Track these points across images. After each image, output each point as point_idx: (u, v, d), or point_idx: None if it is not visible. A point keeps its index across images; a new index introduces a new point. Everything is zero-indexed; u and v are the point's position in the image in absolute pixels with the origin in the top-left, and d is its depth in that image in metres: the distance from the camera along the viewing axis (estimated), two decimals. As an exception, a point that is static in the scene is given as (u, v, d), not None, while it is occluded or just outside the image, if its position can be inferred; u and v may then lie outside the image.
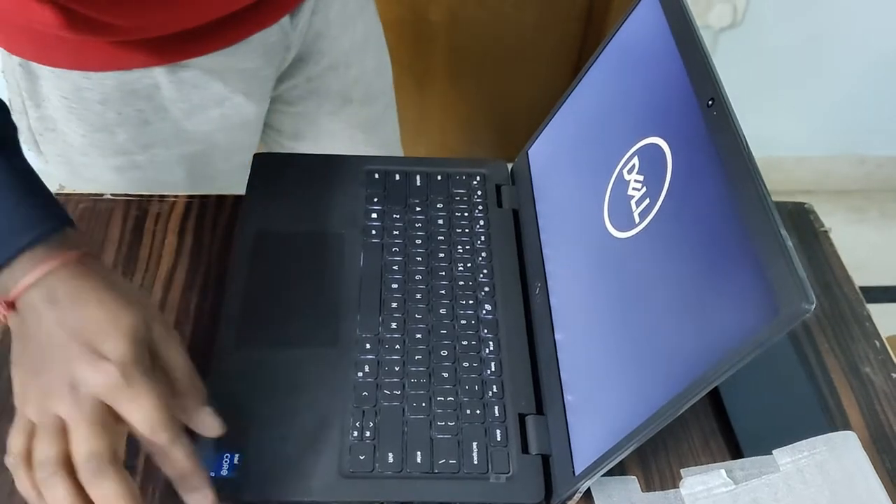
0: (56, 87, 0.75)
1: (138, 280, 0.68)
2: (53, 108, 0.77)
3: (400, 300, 0.65)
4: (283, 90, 0.91)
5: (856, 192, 2.01)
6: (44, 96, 0.76)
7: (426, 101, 1.79)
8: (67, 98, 0.75)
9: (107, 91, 0.75)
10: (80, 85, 0.74)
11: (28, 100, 0.77)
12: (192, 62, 0.76)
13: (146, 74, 0.75)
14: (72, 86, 0.74)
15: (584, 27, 1.68)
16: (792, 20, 1.65)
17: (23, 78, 0.75)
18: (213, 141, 0.82)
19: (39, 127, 0.79)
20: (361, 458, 0.56)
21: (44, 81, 0.75)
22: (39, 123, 0.79)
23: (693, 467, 0.58)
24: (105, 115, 0.76)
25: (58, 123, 0.78)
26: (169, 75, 0.75)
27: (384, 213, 0.71)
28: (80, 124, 0.77)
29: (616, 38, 0.64)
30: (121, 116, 0.77)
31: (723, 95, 0.50)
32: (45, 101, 0.77)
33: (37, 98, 0.77)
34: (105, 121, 0.77)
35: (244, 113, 0.83)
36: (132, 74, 0.74)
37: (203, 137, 0.82)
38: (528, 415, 0.59)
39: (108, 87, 0.74)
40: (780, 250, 0.42)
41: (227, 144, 0.84)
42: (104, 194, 0.74)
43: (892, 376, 0.66)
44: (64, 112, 0.76)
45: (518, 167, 0.76)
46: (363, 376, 0.60)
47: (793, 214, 0.78)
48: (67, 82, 0.74)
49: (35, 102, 0.77)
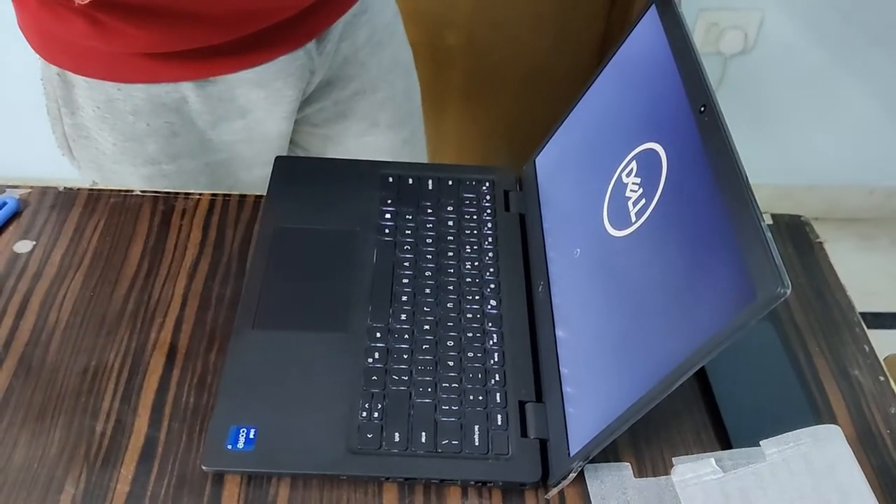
0: (90, 96, 0.79)
1: (164, 270, 0.72)
2: (87, 116, 0.81)
3: (410, 294, 0.69)
4: (311, 112, 0.94)
5: (866, 221, 2.04)
6: (78, 105, 0.80)
7: (443, 123, 1.84)
8: (100, 108, 0.79)
9: (137, 103, 0.79)
10: (112, 96, 0.78)
11: (63, 107, 0.81)
12: (218, 78, 0.80)
13: (175, 89, 0.79)
14: (104, 96, 0.78)
15: (599, 51, 1.72)
16: (803, 48, 1.68)
17: (59, 86, 0.80)
18: (236, 151, 0.86)
19: (73, 133, 0.83)
20: (369, 437, 0.59)
21: (78, 91, 0.79)
22: (73, 130, 0.83)
23: (684, 456, 0.61)
24: (136, 125, 0.80)
25: (91, 131, 0.82)
26: (196, 90, 0.79)
27: (397, 213, 0.75)
28: (112, 133, 0.81)
29: (620, 50, 0.68)
30: (150, 128, 0.81)
31: (714, 102, 0.54)
32: (80, 110, 0.81)
33: (72, 106, 0.81)
34: (136, 131, 0.81)
35: (266, 128, 0.86)
36: (161, 88, 0.78)
37: (226, 147, 0.85)
38: (528, 402, 0.63)
39: (138, 98, 0.78)
40: (759, 239, 0.46)
41: (249, 156, 0.87)
42: (133, 190, 0.78)
43: (879, 379, 0.69)
44: (97, 121, 0.80)
45: (526, 174, 0.79)
46: (373, 362, 0.64)
47: (790, 226, 0.82)
48: (100, 92, 0.78)
49: (70, 110, 0.81)
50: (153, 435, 0.60)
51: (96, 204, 0.77)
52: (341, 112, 0.95)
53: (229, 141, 0.85)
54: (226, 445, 0.58)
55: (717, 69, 1.69)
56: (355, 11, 0.87)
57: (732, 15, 1.62)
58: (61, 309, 0.68)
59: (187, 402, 0.63)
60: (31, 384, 0.63)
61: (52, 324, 0.67)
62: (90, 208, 0.77)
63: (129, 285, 0.70)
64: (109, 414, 0.62)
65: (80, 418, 0.61)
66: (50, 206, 0.77)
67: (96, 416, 0.61)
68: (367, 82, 0.93)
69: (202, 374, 0.64)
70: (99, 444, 0.60)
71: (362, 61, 0.91)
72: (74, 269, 0.71)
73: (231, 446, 0.58)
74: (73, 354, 0.65)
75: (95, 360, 0.65)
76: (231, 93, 0.81)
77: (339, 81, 0.92)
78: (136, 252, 0.73)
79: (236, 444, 0.58)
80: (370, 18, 0.90)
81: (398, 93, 0.98)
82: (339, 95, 0.93)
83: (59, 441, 0.60)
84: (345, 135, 0.97)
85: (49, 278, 0.71)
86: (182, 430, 0.61)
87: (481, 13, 1.64)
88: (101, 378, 0.64)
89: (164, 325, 0.68)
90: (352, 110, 0.95)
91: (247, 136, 0.85)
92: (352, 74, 0.92)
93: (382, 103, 0.96)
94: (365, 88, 0.93)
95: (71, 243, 0.74)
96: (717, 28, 1.63)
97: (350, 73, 0.91)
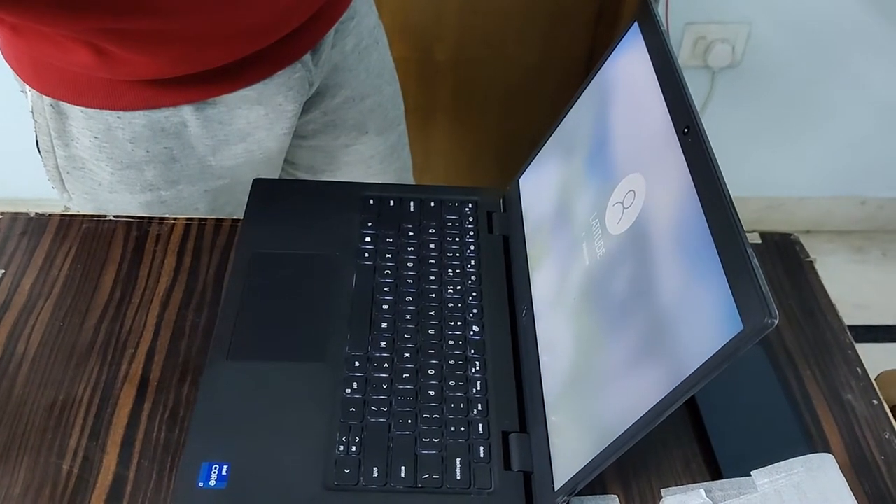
0: (87, 126, 0.77)
1: (137, 298, 0.70)
2: (83, 147, 0.79)
3: (390, 320, 0.67)
4: (299, 124, 0.93)
5: (857, 233, 2.03)
6: (73, 136, 0.78)
7: (431, 138, 1.83)
8: (98, 137, 0.77)
9: (136, 129, 0.77)
10: (111, 124, 0.77)
11: (57, 139, 0.79)
12: (218, 99, 0.78)
13: (175, 113, 0.77)
14: (103, 125, 0.77)
15: (585, 67, 1.71)
16: (791, 61, 1.67)
17: (53, 118, 0.78)
18: (236, 176, 0.84)
19: (67, 165, 0.81)
20: (346, 472, 0.57)
21: (73, 122, 0.77)
22: (67, 162, 0.81)
23: (673, 487, 0.59)
24: (134, 152, 0.79)
25: (87, 162, 0.80)
26: (196, 112, 0.78)
27: (377, 236, 0.73)
28: (110, 162, 0.79)
29: (602, 69, 0.67)
30: (149, 154, 0.79)
31: (698, 124, 0.53)
32: (75, 141, 0.79)
33: (66, 137, 0.79)
34: (134, 158, 0.79)
35: (267, 148, 0.85)
36: (161, 113, 0.77)
37: (227, 172, 0.84)
38: (512, 433, 0.61)
39: (138, 125, 0.77)
40: (745, 267, 0.44)
41: (250, 178, 0.85)
42: (107, 216, 0.76)
43: (873, 403, 0.67)
44: (94, 151, 0.78)
45: (509, 195, 0.78)
46: (351, 392, 0.62)
47: (779, 245, 0.80)
48: (98, 122, 0.76)
49: (64, 142, 0.79)
50: (122, 473, 0.58)
51: (68, 230, 0.75)
52: (330, 122, 0.94)
53: (230, 166, 0.83)
54: (197, 483, 0.56)
55: (705, 84, 1.68)
56: (343, 18, 0.86)
57: (719, 28, 1.61)
58: (29, 340, 0.66)
59: (158, 437, 0.60)
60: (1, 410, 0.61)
61: (19, 356, 0.65)
62: (62, 234, 0.75)
63: (100, 315, 0.68)
64: (77, 451, 0.59)
65: (46, 456, 0.59)
66: (20, 233, 0.75)
67: (63, 454, 0.59)
68: (356, 89, 0.92)
69: (174, 407, 0.62)
70: (65, 483, 0.58)
71: (350, 67, 0.91)
72: (44, 299, 0.69)
73: (203, 484, 0.56)
74: (40, 388, 0.63)
75: (63, 394, 0.63)
76: (230, 114, 0.80)
77: (328, 90, 0.91)
78: (108, 280, 0.71)
79: (208, 481, 0.56)
80: (357, 24, 0.89)
81: (386, 98, 0.97)
82: (328, 105, 0.92)
83: (23, 480, 0.58)
84: (333, 144, 0.96)
85: (18, 308, 0.69)
86: (152, 468, 0.59)
87: (469, 29, 1.63)
88: (69, 413, 0.62)
89: (136, 357, 0.65)
90: (341, 119, 0.94)
91: (247, 158, 0.84)
92: (341, 82, 0.91)
93: (372, 110, 0.95)
94: (354, 96, 0.93)
95: (41, 271, 0.71)
96: (705, 41, 1.62)
97: (339, 80, 0.91)
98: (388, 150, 1.01)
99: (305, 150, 0.97)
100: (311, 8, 0.78)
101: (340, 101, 0.92)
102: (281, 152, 0.88)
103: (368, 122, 0.96)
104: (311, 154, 0.97)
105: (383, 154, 1.00)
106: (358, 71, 0.92)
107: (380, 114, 0.97)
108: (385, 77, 0.97)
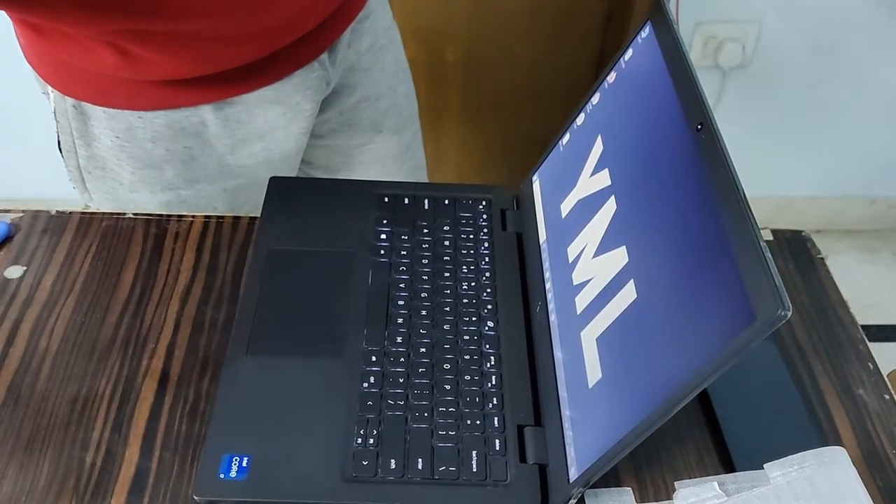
0: (108, 126, 0.78)
1: (157, 294, 0.71)
2: (104, 147, 0.80)
3: (406, 316, 0.68)
4: (316, 124, 0.93)
5: (868, 233, 2.03)
6: (95, 136, 0.80)
7: (441, 139, 1.83)
8: (119, 137, 0.79)
9: (157, 129, 0.78)
10: (133, 124, 0.78)
11: (79, 139, 0.81)
12: (237, 99, 0.79)
13: (194, 112, 0.78)
14: (124, 125, 0.78)
15: (596, 67, 1.72)
16: (802, 60, 1.67)
17: (75, 119, 0.79)
18: (254, 175, 0.85)
19: (89, 165, 0.83)
20: (364, 464, 0.58)
21: (96, 122, 0.78)
22: (89, 162, 0.82)
23: (686, 480, 0.60)
24: (154, 152, 0.80)
25: (108, 162, 0.81)
26: (215, 112, 0.79)
27: (393, 234, 0.74)
28: (131, 162, 0.80)
29: (615, 67, 0.67)
30: (169, 153, 0.80)
31: (711, 120, 0.53)
32: (96, 141, 0.80)
33: (87, 138, 0.80)
34: (154, 158, 0.80)
35: (285, 147, 0.86)
36: (181, 112, 0.78)
37: (245, 172, 0.85)
38: (527, 426, 0.62)
39: (159, 125, 0.78)
40: (758, 260, 0.45)
41: (267, 178, 0.87)
42: (126, 213, 0.78)
43: (884, 398, 0.68)
44: (115, 151, 0.80)
45: (523, 192, 0.79)
46: (368, 387, 0.63)
47: (791, 242, 0.80)
48: (120, 122, 0.78)
49: (86, 142, 0.81)
50: (144, 465, 0.59)
51: (88, 227, 0.76)
52: (346, 121, 0.95)
53: (248, 165, 0.84)
54: (218, 474, 0.57)
55: (716, 84, 1.69)
56: (359, 17, 0.87)
57: (730, 27, 1.61)
58: (52, 336, 0.67)
59: (179, 430, 0.61)
60: (20, 414, 0.62)
61: (42, 351, 0.66)
62: (82, 232, 0.76)
63: (121, 311, 0.69)
64: (100, 444, 0.60)
65: (70, 449, 0.60)
66: (41, 231, 0.76)
67: (86, 447, 0.60)
68: (372, 89, 0.93)
69: (194, 401, 0.63)
70: (89, 475, 0.59)
71: (366, 67, 0.91)
72: (66, 295, 0.71)
73: (224, 475, 0.57)
74: (63, 383, 0.64)
75: (86, 389, 0.64)
76: (249, 113, 0.81)
77: (344, 90, 0.91)
78: (128, 276, 0.72)
79: (229, 472, 0.57)
80: (372, 23, 0.90)
81: (400, 97, 0.98)
82: (344, 105, 0.93)
83: (47, 473, 0.59)
84: (349, 144, 0.97)
85: (40, 304, 0.70)
86: (174, 460, 0.60)
87: (479, 30, 1.64)
88: (92, 407, 0.63)
89: (156, 352, 0.67)
90: (357, 118, 0.95)
91: (265, 157, 0.85)
92: (356, 82, 0.92)
93: (387, 109, 0.96)
94: (369, 95, 0.93)
95: (62, 268, 0.73)
96: (715, 41, 1.62)
97: (355, 80, 0.91)
98: (403, 149, 1.02)
99: (321, 150, 0.98)
100: (328, 8, 0.79)
101: (356, 100, 0.93)
102: (298, 152, 0.88)
103: (383, 121, 0.97)
104: (327, 153, 0.98)
105: (398, 153, 1.01)
106: (373, 71, 0.92)
107: (394, 113, 0.98)
108: (400, 76, 0.98)
